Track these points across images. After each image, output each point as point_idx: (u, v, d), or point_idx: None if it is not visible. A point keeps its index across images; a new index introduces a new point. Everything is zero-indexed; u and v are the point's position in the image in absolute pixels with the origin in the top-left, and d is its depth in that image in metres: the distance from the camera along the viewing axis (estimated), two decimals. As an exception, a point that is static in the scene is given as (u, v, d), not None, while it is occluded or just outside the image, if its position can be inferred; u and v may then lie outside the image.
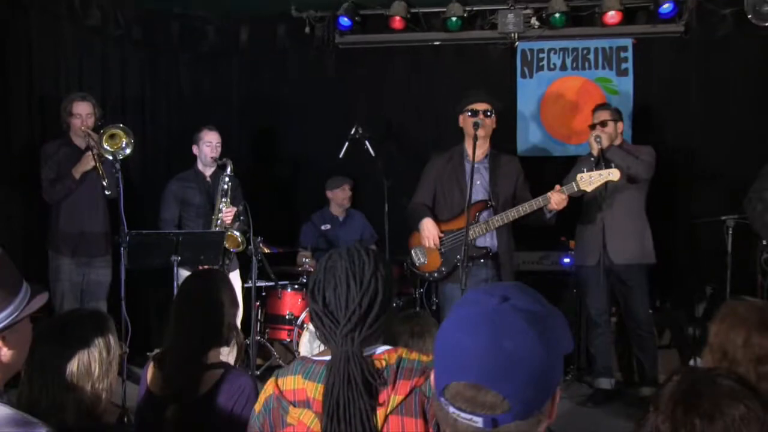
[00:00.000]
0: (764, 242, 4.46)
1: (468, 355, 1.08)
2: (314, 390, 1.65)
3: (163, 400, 2.24)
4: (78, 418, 1.84)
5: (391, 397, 1.61)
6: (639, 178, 4.53)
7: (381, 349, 1.70)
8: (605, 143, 4.44)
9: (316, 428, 1.62)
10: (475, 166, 4.28)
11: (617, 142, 4.64)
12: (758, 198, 4.35)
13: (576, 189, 4.13)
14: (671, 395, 1.30)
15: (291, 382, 1.71)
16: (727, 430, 1.22)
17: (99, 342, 1.91)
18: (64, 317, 2.05)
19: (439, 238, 4.32)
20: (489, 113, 4.31)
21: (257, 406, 1.77)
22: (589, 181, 4.13)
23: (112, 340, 1.97)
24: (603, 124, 4.62)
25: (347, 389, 1.60)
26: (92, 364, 1.88)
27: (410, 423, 1.61)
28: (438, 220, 4.36)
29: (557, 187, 4.16)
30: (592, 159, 4.47)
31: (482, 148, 4.33)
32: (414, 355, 1.70)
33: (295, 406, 1.67)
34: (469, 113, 4.29)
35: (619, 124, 4.70)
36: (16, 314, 1.56)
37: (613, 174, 4.13)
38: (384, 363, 1.66)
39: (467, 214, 4.03)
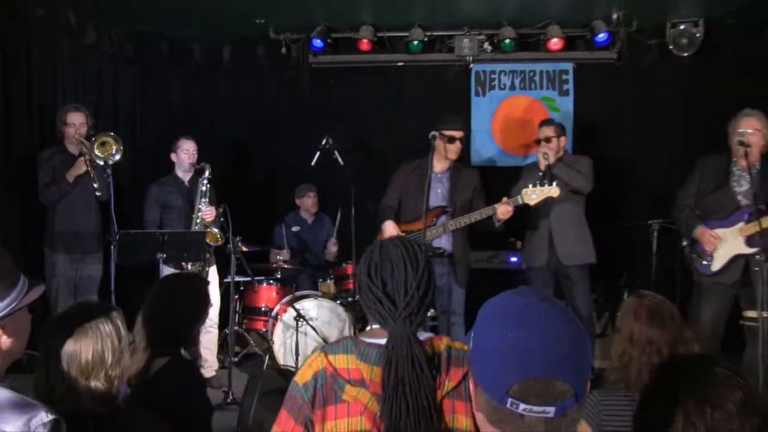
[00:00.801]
0: (684, 243, 4.62)
1: (532, 350, 1.05)
2: (370, 372, 1.61)
3: None
4: (92, 403, 1.82)
5: (445, 383, 1.60)
6: (582, 192, 4.68)
7: (430, 335, 1.70)
8: (552, 159, 4.55)
9: (373, 408, 1.59)
10: (438, 176, 4.48)
11: (560, 154, 4.74)
12: (684, 205, 4.46)
13: (521, 202, 4.29)
14: (682, 383, 1.29)
15: (344, 361, 1.65)
16: (731, 417, 1.21)
17: (111, 331, 1.89)
18: (76, 309, 1.96)
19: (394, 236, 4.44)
20: (462, 140, 4.49)
21: (301, 378, 1.68)
22: (532, 196, 4.29)
23: (122, 329, 1.94)
24: (548, 140, 4.68)
25: (411, 368, 1.56)
26: (105, 352, 1.85)
27: (460, 406, 1.61)
28: (401, 221, 4.51)
29: (504, 199, 4.31)
30: (540, 173, 4.53)
31: (446, 162, 4.51)
32: (458, 345, 1.68)
33: (351, 384, 1.62)
34: (447, 139, 4.40)
35: (562, 139, 4.79)
36: (14, 304, 1.57)
37: (554, 191, 4.28)
38: (436, 350, 1.64)
39: (425, 218, 4.19)
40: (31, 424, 1.45)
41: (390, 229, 4.49)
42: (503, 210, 4.25)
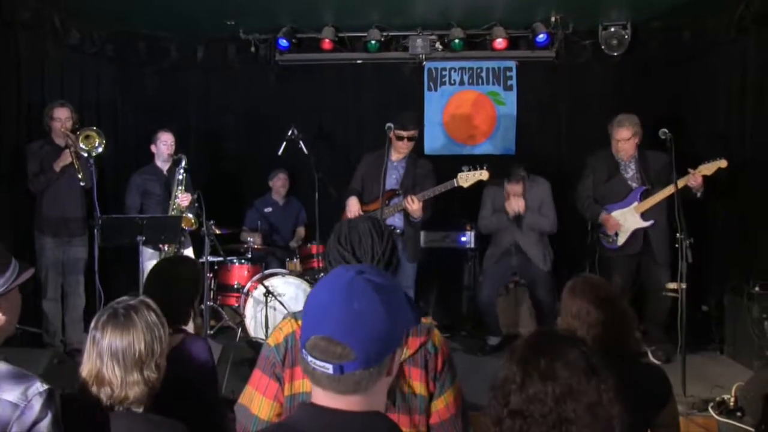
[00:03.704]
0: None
1: (325, 312, 1.13)
2: None
3: None
4: (146, 392, 1.81)
5: (404, 350, 1.65)
6: (550, 233, 5.02)
7: None
8: (522, 211, 4.89)
9: None
10: (395, 164, 4.80)
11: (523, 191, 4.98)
12: (585, 196, 4.95)
13: (456, 185, 4.64)
14: (524, 343, 1.42)
15: None
16: (567, 366, 1.32)
17: (156, 321, 1.88)
18: (119, 305, 1.89)
19: (360, 215, 4.76)
20: (412, 138, 4.73)
21: (274, 340, 1.75)
22: (465, 178, 4.64)
23: (162, 316, 1.93)
24: (516, 194, 4.93)
25: None
26: (154, 342, 1.84)
27: (416, 372, 1.69)
28: (362, 202, 4.79)
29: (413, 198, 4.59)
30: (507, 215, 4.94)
31: (402, 153, 4.79)
32: (423, 318, 1.74)
33: None
34: (397, 138, 4.66)
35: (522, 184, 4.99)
36: (7, 285, 1.62)
37: (484, 174, 4.64)
38: None
39: (381, 200, 4.54)
40: (28, 393, 1.51)
41: (352, 203, 4.74)
42: (414, 207, 4.52)
